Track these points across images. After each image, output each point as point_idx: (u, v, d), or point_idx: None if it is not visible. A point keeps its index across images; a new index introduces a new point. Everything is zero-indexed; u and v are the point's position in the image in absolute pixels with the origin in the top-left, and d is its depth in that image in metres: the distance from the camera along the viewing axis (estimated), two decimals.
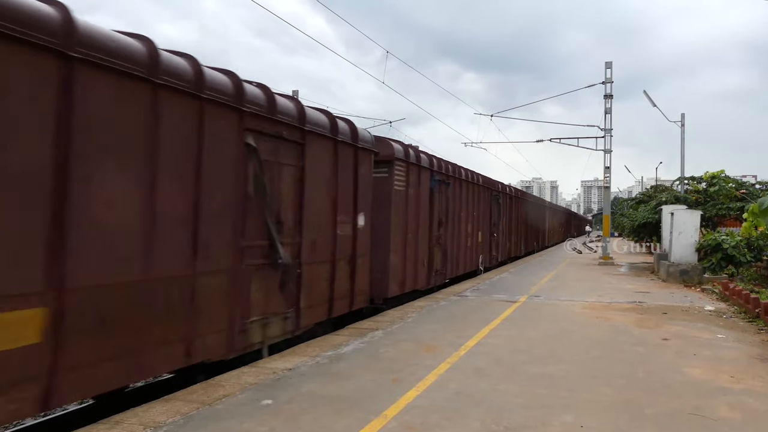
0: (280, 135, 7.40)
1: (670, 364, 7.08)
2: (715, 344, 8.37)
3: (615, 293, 14.28)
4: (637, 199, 35.03)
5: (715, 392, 5.93)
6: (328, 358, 7.05)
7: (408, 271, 12.22)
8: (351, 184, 9.42)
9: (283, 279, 7.51)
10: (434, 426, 4.80)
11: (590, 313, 11.09)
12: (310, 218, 8.14)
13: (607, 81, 25.76)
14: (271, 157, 7.28)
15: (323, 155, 8.57)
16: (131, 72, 5.18)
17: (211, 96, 6.15)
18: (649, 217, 24.25)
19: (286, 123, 7.54)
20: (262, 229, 7.12)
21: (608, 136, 26.24)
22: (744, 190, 23.13)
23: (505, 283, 16.49)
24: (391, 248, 11.31)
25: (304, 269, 8.02)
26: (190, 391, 5.65)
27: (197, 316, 6.02)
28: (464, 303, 12.21)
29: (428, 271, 13.71)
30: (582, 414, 5.16)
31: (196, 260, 5.97)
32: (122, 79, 5.12)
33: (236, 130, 6.62)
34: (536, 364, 6.93)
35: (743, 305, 11.49)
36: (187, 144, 5.89)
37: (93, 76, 4.83)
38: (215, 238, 6.26)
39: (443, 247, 14.82)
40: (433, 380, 6.14)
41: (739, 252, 16.66)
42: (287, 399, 5.44)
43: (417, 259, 12.78)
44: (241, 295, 6.72)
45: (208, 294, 6.18)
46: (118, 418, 4.85)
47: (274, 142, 7.32)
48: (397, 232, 11.57)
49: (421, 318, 10.13)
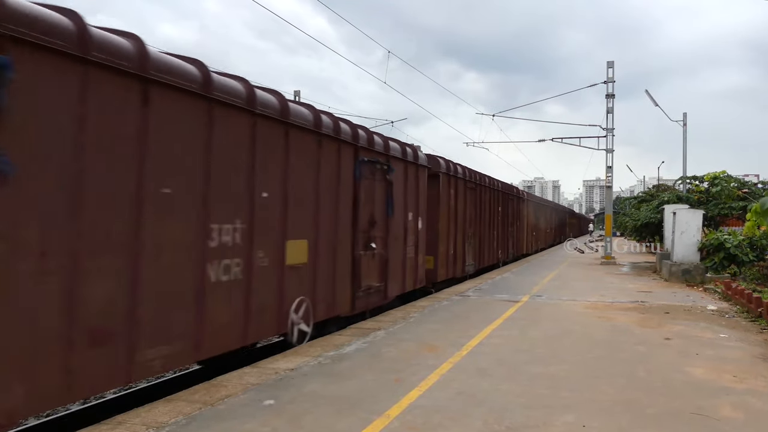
0: (375, 160, 10.39)
1: (673, 364, 7.07)
2: (718, 344, 8.36)
3: (617, 293, 14.27)
4: (639, 199, 34.87)
5: (718, 392, 5.92)
6: (330, 358, 7.05)
7: (449, 263, 15.60)
8: (415, 193, 12.58)
9: (378, 263, 10.71)
10: (437, 426, 4.80)
11: (592, 312, 11.08)
12: (392, 221, 11.26)
13: (608, 80, 25.71)
14: (369, 176, 10.20)
15: (400, 173, 11.66)
16: (306, 127, 8.13)
17: (343, 138, 9.18)
18: (651, 216, 24.22)
19: (378, 152, 10.52)
20: (366, 227, 10.14)
21: (610, 135, 26.21)
22: (746, 189, 23.10)
23: (507, 282, 16.49)
24: (440, 244, 14.73)
25: (390, 256, 11.18)
26: (193, 391, 5.66)
27: (336, 284, 9.08)
28: (466, 303, 12.21)
29: (462, 263, 16.87)
30: (584, 414, 5.16)
31: (337, 249, 9.16)
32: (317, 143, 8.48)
33: (352, 159, 9.57)
34: (538, 364, 6.93)
35: (746, 305, 11.47)
36: (332, 173, 8.94)
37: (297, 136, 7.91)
38: (344, 234, 9.37)
39: (473, 244, 18.04)
40: (436, 380, 6.14)
41: (741, 251, 16.64)
42: (289, 399, 5.45)
43: (456, 253, 16.13)
44: (355, 274, 9.72)
45: (342, 271, 9.30)
46: (121, 419, 4.86)
47: (371, 165, 10.26)
48: (443, 232, 14.87)
49: (423, 318, 10.14)
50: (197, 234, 6.01)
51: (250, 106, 6.84)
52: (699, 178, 24.75)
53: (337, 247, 9.06)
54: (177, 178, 5.76)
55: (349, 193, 9.47)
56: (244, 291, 6.73)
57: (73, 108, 4.67)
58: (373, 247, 10.32)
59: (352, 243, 9.60)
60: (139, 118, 5.31)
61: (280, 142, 7.48)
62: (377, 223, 10.44)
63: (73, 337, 4.63)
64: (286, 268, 7.56)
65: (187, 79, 5.88)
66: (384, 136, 11.24)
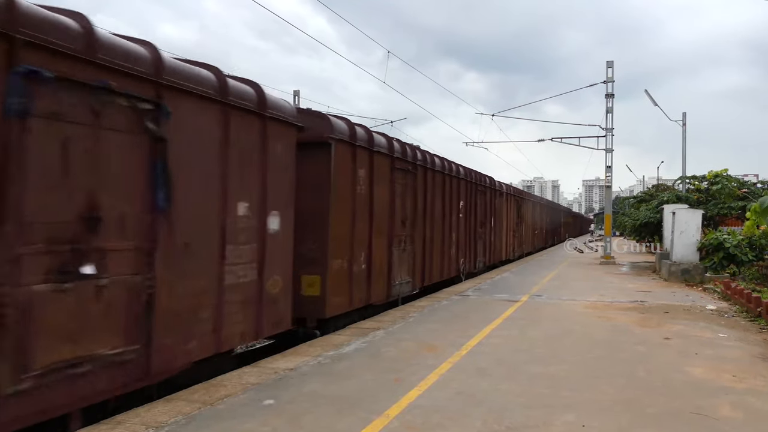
0: (406, 168, 11.95)
1: (672, 364, 7.07)
2: (717, 343, 8.36)
3: (616, 293, 14.27)
4: (638, 198, 34.89)
5: (717, 392, 5.93)
6: (329, 358, 7.05)
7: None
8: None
9: (408, 259, 12.22)
10: (436, 426, 4.80)
11: (592, 312, 11.08)
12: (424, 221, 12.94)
13: (608, 80, 25.72)
14: (401, 182, 11.60)
15: (429, 177, 13.46)
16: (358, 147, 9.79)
17: (378, 150, 10.57)
18: (651, 216, 24.22)
19: (408, 161, 12.03)
20: (400, 227, 11.70)
21: (610, 135, 26.22)
22: (745, 189, 23.11)
23: (506, 282, 16.49)
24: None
25: (416, 252, 12.65)
26: (192, 391, 5.66)
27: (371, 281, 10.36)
28: (466, 302, 12.21)
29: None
30: (584, 413, 5.16)
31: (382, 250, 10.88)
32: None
33: (389, 168, 11.17)
34: (538, 364, 6.93)
35: (745, 304, 11.48)
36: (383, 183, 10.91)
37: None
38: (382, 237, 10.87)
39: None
40: (435, 380, 6.14)
41: (740, 251, 16.65)
42: (289, 399, 5.45)
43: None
44: (391, 268, 11.16)
45: (380, 266, 10.79)
46: (120, 418, 4.86)
47: (403, 173, 11.81)
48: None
49: (422, 317, 10.13)
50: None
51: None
52: (699, 178, 24.75)
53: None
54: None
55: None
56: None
57: (216, 133, 6.32)
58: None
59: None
60: (261, 145, 7.08)
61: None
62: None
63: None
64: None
65: (287, 113, 7.70)
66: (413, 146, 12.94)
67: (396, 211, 11.49)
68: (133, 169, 5.28)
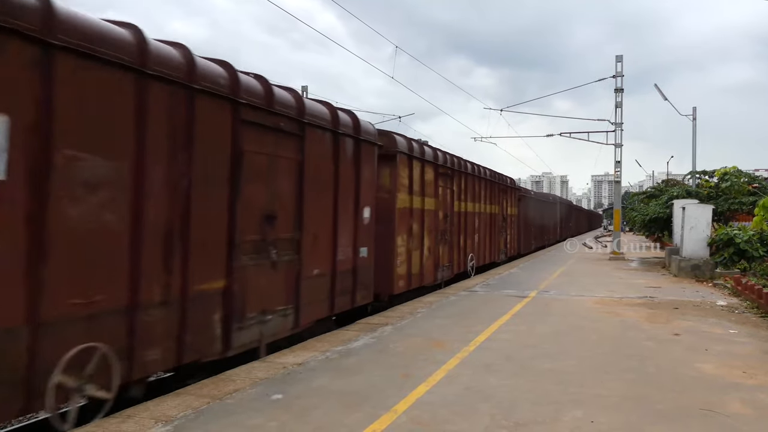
0: (446, 173, 14.06)
1: (682, 360, 7.03)
2: (727, 339, 8.30)
3: (625, 288, 14.21)
4: (648, 194, 34.63)
5: (728, 388, 5.89)
6: (338, 354, 7.06)
7: (491, 252, 18.12)
8: (480, 194, 16.37)
9: (447, 249, 14.22)
10: (444, 421, 4.80)
11: (600, 308, 11.04)
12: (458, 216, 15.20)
13: (617, 75, 25.53)
14: (442, 184, 13.81)
15: (462, 179, 15.48)
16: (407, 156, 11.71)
17: (427, 159, 12.68)
18: (660, 211, 24.06)
19: (447, 166, 14.17)
20: (443, 220, 13.90)
21: (619, 130, 26.04)
22: (756, 184, 22.90)
23: (515, 278, 16.45)
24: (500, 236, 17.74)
25: (453, 243, 14.70)
26: (201, 386, 5.69)
27: (423, 266, 12.53)
28: (474, 298, 12.20)
29: (506, 249, 20.44)
30: (592, 409, 5.14)
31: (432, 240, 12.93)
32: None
33: (434, 174, 13.24)
34: (546, 360, 6.91)
35: (756, 300, 11.39)
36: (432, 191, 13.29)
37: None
38: (431, 229, 13.06)
39: (505, 237, 21.12)
40: (443, 375, 6.14)
41: (751, 246, 16.49)
42: (297, 394, 5.47)
43: (499, 243, 19.11)
44: (437, 256, 13.47)
45: (429, 254, 12.85)
46: (130, 412, 4.90)
47: (444, 177, 13.91)
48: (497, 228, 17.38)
49: (430, 313, 10.13)
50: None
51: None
52: (709, 173, 24.55)
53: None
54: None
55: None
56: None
57: (326, 150, 8.48)
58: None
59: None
60: (354, 159, 9.20)
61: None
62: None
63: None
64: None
65: (372, 135, 9.87)
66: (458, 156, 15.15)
67: (439, 206, 13.85)
68: (292, 184, 7.68)
